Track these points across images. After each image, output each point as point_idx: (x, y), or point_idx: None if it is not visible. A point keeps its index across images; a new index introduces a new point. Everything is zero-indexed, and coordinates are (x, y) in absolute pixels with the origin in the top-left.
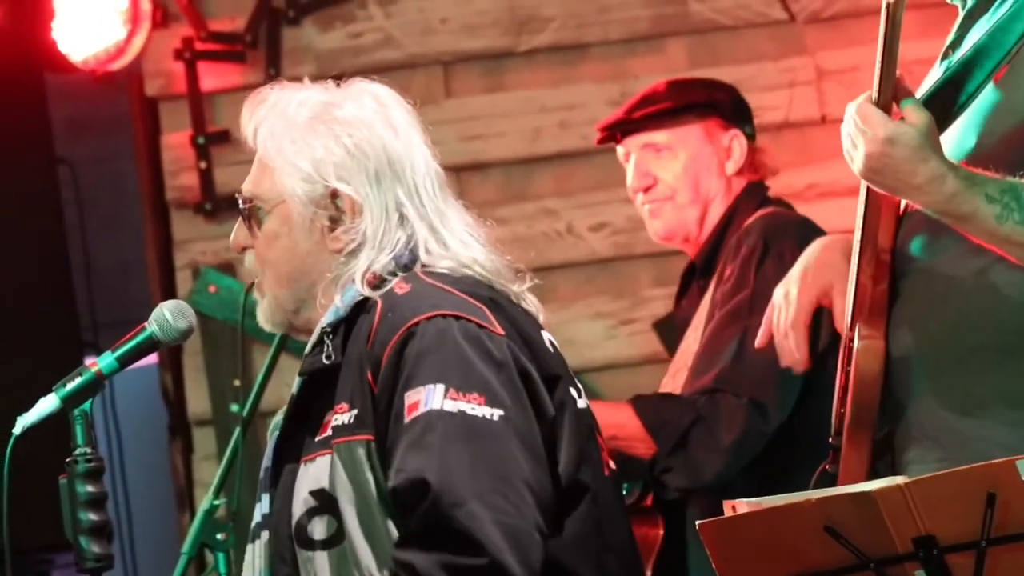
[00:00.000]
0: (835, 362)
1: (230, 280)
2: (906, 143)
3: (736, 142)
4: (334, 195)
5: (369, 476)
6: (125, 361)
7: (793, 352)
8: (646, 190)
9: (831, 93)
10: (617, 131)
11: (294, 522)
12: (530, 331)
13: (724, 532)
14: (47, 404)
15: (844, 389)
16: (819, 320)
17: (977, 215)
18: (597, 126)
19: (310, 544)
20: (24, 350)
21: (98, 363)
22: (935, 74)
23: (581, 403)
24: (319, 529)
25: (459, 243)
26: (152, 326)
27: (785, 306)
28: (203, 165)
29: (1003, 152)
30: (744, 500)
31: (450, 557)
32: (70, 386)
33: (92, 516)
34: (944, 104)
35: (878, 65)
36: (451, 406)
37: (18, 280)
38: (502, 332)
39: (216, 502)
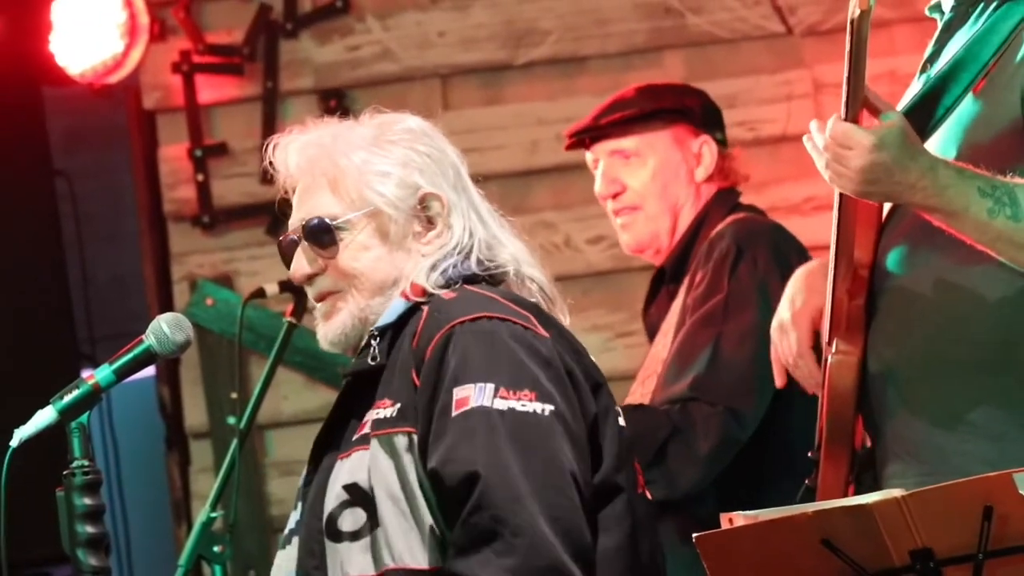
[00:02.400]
0: None
1: (227, 293)
2: (893, 144)
3: (706, 148)
4: (423, 199)
5: (409, 466)
6: (122, 374)
7: (808, 379)
8: (614, 197)
9: (829, 106)
10: (586, 137)
11: (326, 515)
12: (573, 340)
13: (721, 545)
14: (44, 417)
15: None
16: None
17: (969, 209)
18: (565, 132)
19: (338, 536)
20: (21, 363)
21: (95, 376)
22: (914, 88)
23: (620, 420)
24: (349, 521)
25: (516, 250)
26: (149, 339)
27: (782, 338)
28: (200, 178)
29: (983, 163)
30: (741, 513)
31: (509, 560)
32: (67, 399)
33: (89, 529)
34: (923, 117)
35: (846, 82)
36: (501, 404)
37: (15, 292)
38: (547, 335)
39: (213, 514)
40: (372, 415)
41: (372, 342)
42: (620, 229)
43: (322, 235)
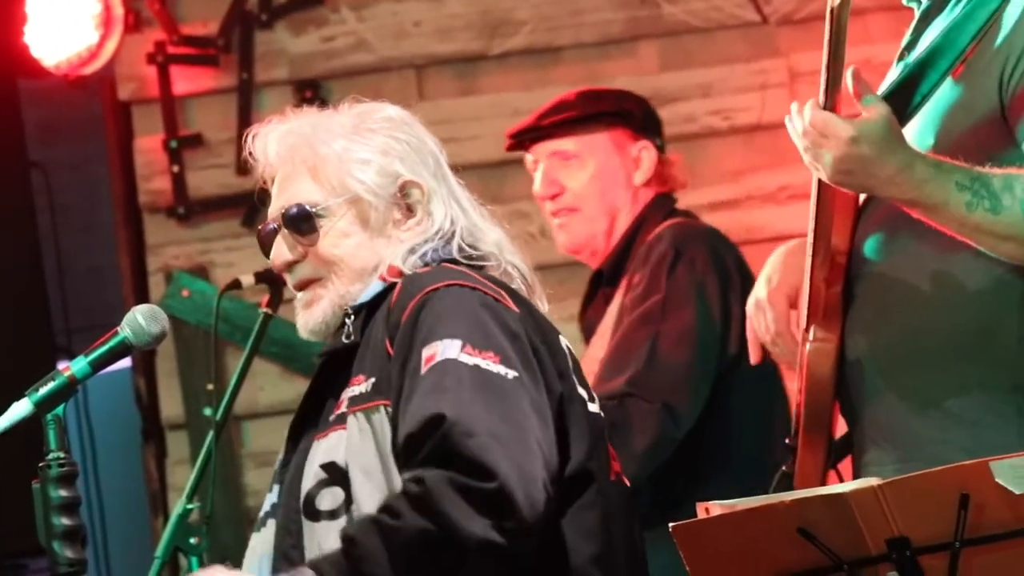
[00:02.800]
0: (744, 369)
1: (203, 284)
2: (871, 138)
3: (645, 153)
4: (404, 186)
5: (384, 441)
6: (98, 365)
7: (787, 357)
8: (553, 198)
9: (804, 95)
10: (526, 138)
11: (303, 494)
12: (546, 326)
13: (697, 535)
14: (20, 409)
15: (799, 391)
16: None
17: (948, 204)
18: (506, 132)
19: (316, 515)
20: None
21: (71, 367)
22: (892, 75)
23: (593, 407)
24: (327, 500)
25: (495, 238)
26: (125, 330)
27: (759, 315)
28: (176, 169)
29: (961, 149)
30: (717, 502)
31: (459, 476)
32: (43, 391)
33: (65, 521)
34: (900, 104)
35: (825, 68)
36: (467, 359)
37: None
38: (517, 310)
39: (189, 506)
40: (347, 393)
41: (347, 320)
42: (557, 230)
43: (302, 222)
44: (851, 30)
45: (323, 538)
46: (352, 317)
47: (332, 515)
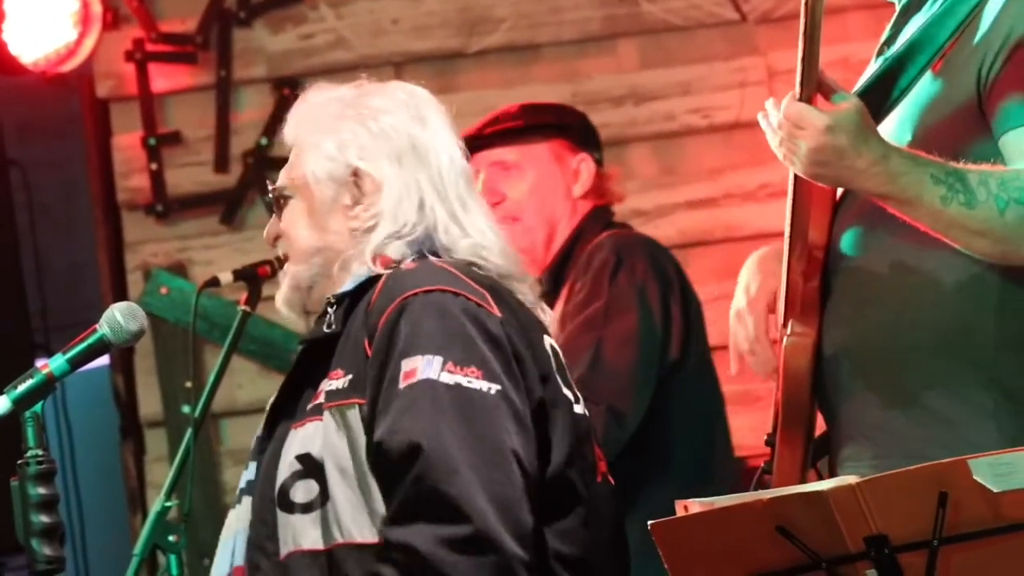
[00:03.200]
0: (685, 375)
1: (181, 282)
2: (846, 128)
3: (584, 165)
4: (355, 174)
5: (360, 439)
6: (76, 363)
7: (765, 365)
8: (493, 206)
9: (783, 93)
10: (468, 147)
11: (278, 485)
12: (530, 328)
13: (676, 533)
14: None
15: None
16: None
17: (923, 197)
18: None
19: (290, 507)
20: None
21: (49, 365)
22: (870, 70)
23: (578, 408)
24: (302, 493)
25: (479, 232)
26: (103, 328)
27: (739, 325)
28: (154, 166)
29: (936, 143)
30: (696, 500)
31: (442, 528)
32: (21, 388)
33: (44, 518)
34: (878, 97)
35: (800, 62)
36: (448, 378)
37: None
38: (500, 314)
39: (168, 504)
40: (325, 385)
41: (328, 309)
42: None
43: (274, 202)
44: (829, 28)
45: (297, 531)
46: (335, 306)
47: (306, 508)
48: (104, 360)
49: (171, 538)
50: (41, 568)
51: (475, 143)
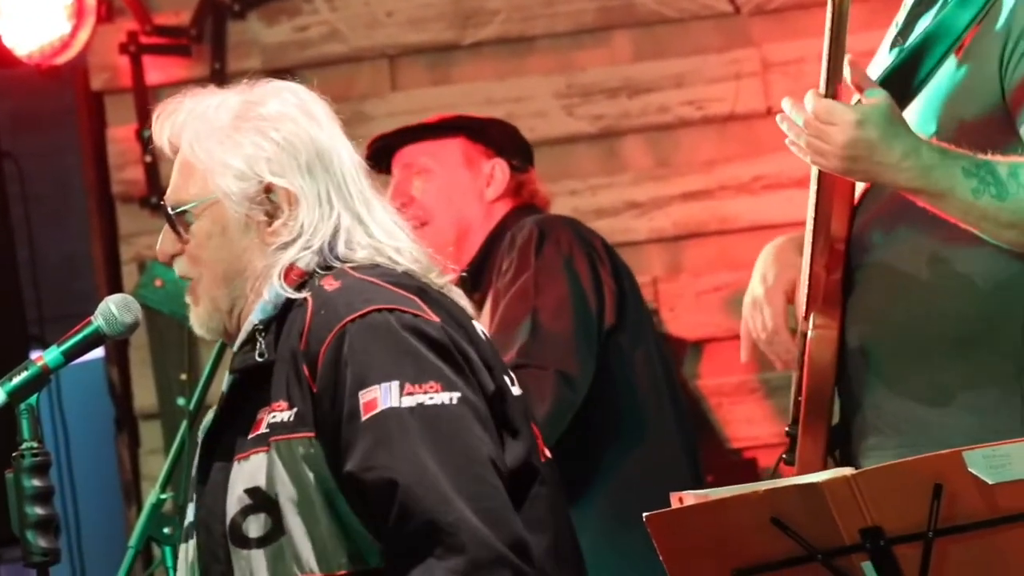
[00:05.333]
0: (629, 336)
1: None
2: (876, 122)
3: (498, 169)
4: (268, 190)
5: (310, 473)
6: (71, 355)
7: (783, 355)
8: (401, 208)
9: (777, 85)
10: (380, 145)
11: (228, 520)
12: (462, 319)
13: (671, 524)
14: None
15: (800, 379)
16: None
17: (955, 190)
18: (367, 141)
19: (245, 542)
20: None
21: (44, 357)
22: (883, 61)
23: (515, 390)
24: (254, 527)
25: (384, 233)
26: (98, 320)
27: (756, 313)
28: (148, 159)
29: (964, 137)
30: (691, 492)
31: (439, 563)
32: (16, 380)
33: (39, 510)
34: (898, 90)
35: (825, 58)
36: (409, 401)
37: None
38: (437, 319)
39: (163, 496)
40: (268, 417)
41: (257, 336)
42: None
43: (175, 221)
44: (821, 19)
45: (255, 567)
46: (264, 332)
47: (261, 542)
48: (99, 352)
49: (166, 530)
50: (36, 560)
51: (386, 142)
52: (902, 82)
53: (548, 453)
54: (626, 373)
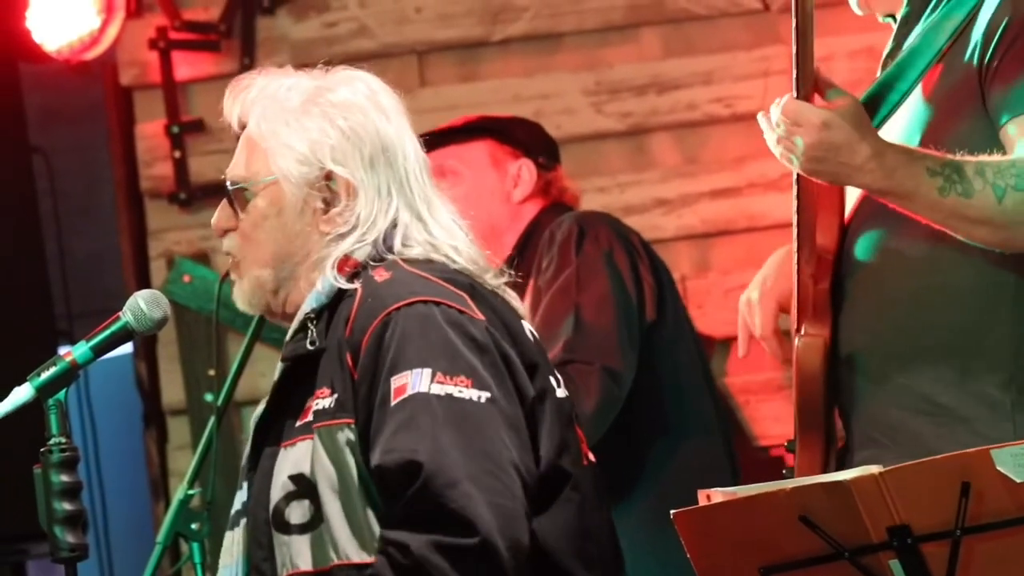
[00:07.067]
0: (670, 331)
1: (204, 270)
2: (841, 125)
3: (525, 170)
4: (328, 177)
5: (350, 460)
6: (99, 351)
7: (775, 356)
8: None
9: None
10: None
11: (272, 506)
12: (510, 319)
13: (699, 522)
14: (21, 394)
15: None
16: None
17: (920, 190)
18: None
19: (286, 528)
20: None
21: (72, 353)
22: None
23: (560, 392)
24: (296, 513)
25: (443, 232)
26: (126, 315)
27: (748, 313)
28: (177, 154)
29: (947, 142)
30: (719, 490)
31: (441, 537)
32: (44, 376)
33: (67, 506)
34: (879, 105)
35: (794, 60)
36: (439, 389)
37: None
38: (482, 318)
39: (191, 492)
40: (314, 404)
41: (309, 324)
42: None
43: (234, 197)
44: (826, 22)
45: (294, 552)
46: (315, 320)
47: (303, 529)
48: (127, 348)
49: (194, 526)
50: (64, 555)
51: None
52: (882, 98)
53: (592, 457)
54: (668, 368)
